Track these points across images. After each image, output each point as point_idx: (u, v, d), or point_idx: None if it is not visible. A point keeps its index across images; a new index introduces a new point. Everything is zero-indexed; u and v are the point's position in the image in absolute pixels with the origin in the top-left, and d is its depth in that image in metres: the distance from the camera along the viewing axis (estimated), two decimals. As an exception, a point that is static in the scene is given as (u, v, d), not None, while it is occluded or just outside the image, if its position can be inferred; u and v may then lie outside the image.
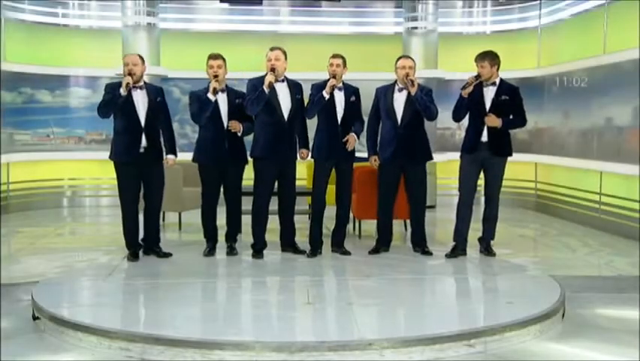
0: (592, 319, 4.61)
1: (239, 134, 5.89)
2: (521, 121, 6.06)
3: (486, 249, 6.09)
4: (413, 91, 5.81)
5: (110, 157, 5.82)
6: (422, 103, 5.87)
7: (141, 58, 5.78)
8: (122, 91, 5.54)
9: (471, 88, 5.83)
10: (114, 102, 5.58)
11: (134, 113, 5.66)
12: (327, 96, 5.83)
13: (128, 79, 5.56)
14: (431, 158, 6.17)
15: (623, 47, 7.30)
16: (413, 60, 6.00)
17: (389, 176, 6.05)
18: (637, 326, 4.33)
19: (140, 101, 5.69)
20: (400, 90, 5.95)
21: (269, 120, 5.82)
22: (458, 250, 6.02)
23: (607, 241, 7.06)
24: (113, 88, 5.67)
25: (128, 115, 5.65)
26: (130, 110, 5.65)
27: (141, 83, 5.70)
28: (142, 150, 5.68)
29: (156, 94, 5.83)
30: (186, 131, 9.67)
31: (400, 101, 5.94)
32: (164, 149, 5.93)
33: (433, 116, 6.00)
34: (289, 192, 6.04)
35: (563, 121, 8.70)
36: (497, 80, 5.93)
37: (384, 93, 6.04)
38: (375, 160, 6.06)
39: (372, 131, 6.13)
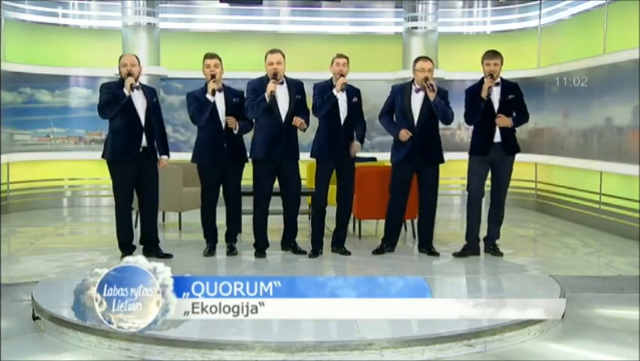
0: (592, 319, 4.61)
1: (235, 131, 5.88)
2: (525, 117, 6.07)
3: (492, 248, 6.08)
4: (432, 96, 5.76)
5: (104, 156, 5.79)
6: (440, 109, 5.83)
7: (137, 59, 5.79)
8: (126, 91, 5.57)
9: (488, 88, 5.80)
10: (117, 102, 5.58)
11: (134, 113, 5.66)
12: (337, 95, 5.81)
13: (131, 79, 5.57)
14: (443, 160, 6.07)
15: (623, 47, 7.29)
16: (432, 62, 5.93)
17: (403, 176, 5.99)
18: (637, 326, 4.34)
19: (139, 102, 5.70)
20: (417, 91, 5.89)
21: (266, 122, 5.82)
22: (470, 250, 5.99)
23: (607, 241, 7.05)
24: (110, 88, 5.68)
25: (128, 115, 5.65)
26: (130, 111, 5.65)
27: (138, 84, 5.71)
28: (141, 150, 5.69)
29: (152, 95, 5.85)
30: (182, 130, 9.68)
31: (417, 102, 5.88)
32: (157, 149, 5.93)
33: (449, 121, 5.97)
34: (291, 192, 6.03)
35: (562, 121, 8.70)
36: (499, 80, 5.93)
37: (401, 92, 5.96)
38: (406, 132, 5.82)
39: (387, 121, 6.01)
